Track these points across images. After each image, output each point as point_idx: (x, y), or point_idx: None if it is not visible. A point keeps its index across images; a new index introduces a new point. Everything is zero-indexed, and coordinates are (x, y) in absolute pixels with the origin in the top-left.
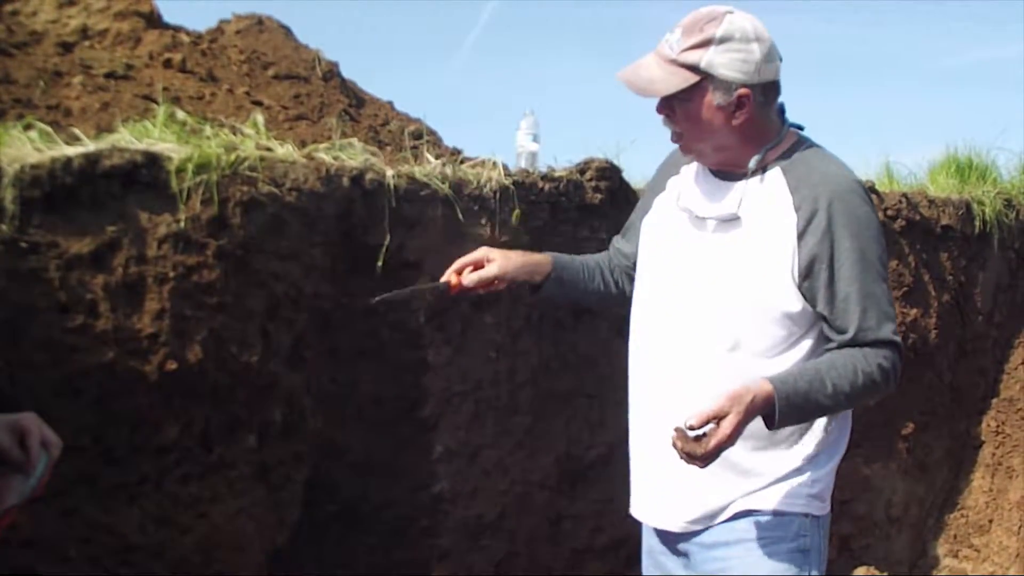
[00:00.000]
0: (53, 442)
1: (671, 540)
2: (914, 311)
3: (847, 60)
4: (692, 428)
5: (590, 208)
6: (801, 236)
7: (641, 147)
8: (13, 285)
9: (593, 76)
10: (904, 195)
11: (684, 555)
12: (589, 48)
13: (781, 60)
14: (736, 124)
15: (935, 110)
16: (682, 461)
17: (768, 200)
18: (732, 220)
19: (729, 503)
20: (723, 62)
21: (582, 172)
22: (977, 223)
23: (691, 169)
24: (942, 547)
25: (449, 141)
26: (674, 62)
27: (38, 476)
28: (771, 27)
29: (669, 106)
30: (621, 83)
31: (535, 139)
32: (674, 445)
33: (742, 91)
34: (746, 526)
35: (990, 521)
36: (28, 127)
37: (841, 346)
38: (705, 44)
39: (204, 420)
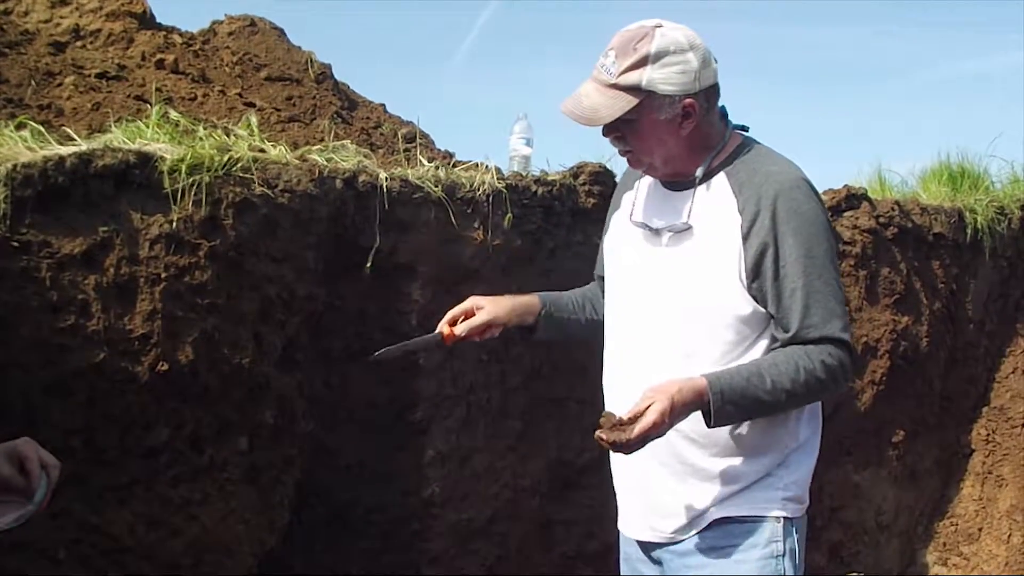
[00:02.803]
0: (51, 464)
1: (647, 548)
2: (905, 319)
3: (840, 68)
4: (622, 422)
5: (583, 212)
6: (746, 238)
7: None
8: (4, 285)
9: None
10: (896, 203)
11: (658, 563)
12: (582, 53)
13: (717, 62)
14: (684, 135)
15: (927, 119)
16: (623, 455)
17: (715, 206)
18: (684, 230)
19: (703, 511)
20: (662, 78)
21: (575, 176)
22: (969, 231)
23: (644, 183)
24: (931, 555)
25: (441, 144)
26: (614, 86)
27: (38, 501)
28: (764, 36)
29: (616, 129)
30: (566, 115)
31: (528, 143)
32: (597, 434)
33: (687, 102)
34: (718, 534)
35: (979, 529)
36: (20, 126)
37: (785, 344)
38: (641, 64)
39: (195, 422)
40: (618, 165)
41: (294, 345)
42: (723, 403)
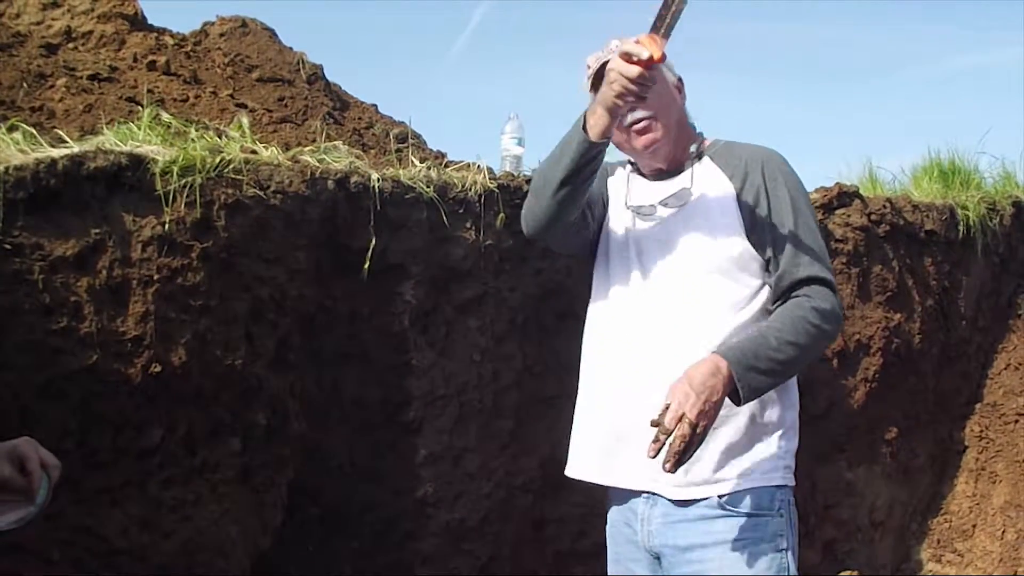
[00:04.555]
0: (52, 464)
1: (646, 536)
2: (898, 316)
3: (831, 65)
4: (656, 423)
5: None
6: (739, 194)
7: None
8: None
9: (577, 80)
10: (888, 200)
11: (656, 558)
12: (574, 53)
13: None
14: (680, 105)
15: (918, 115)
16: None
17: (706, 180)
18: (682, 204)
19: (714, 465)
20: None
21: None
22: (961, 228)
23: (632, 177)
24: (925, 552)
25: (433, 144)
26: None
27: (40, 503)
28: (756, 33)
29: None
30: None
31: (520, 143)
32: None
33: (677, 78)
34: (723, 527)
35: (973, 526)
36: (12, 129)
37: (775, 287)
38: None
39: (188, 423)
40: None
41: (286, 346)
42: (743, 369)
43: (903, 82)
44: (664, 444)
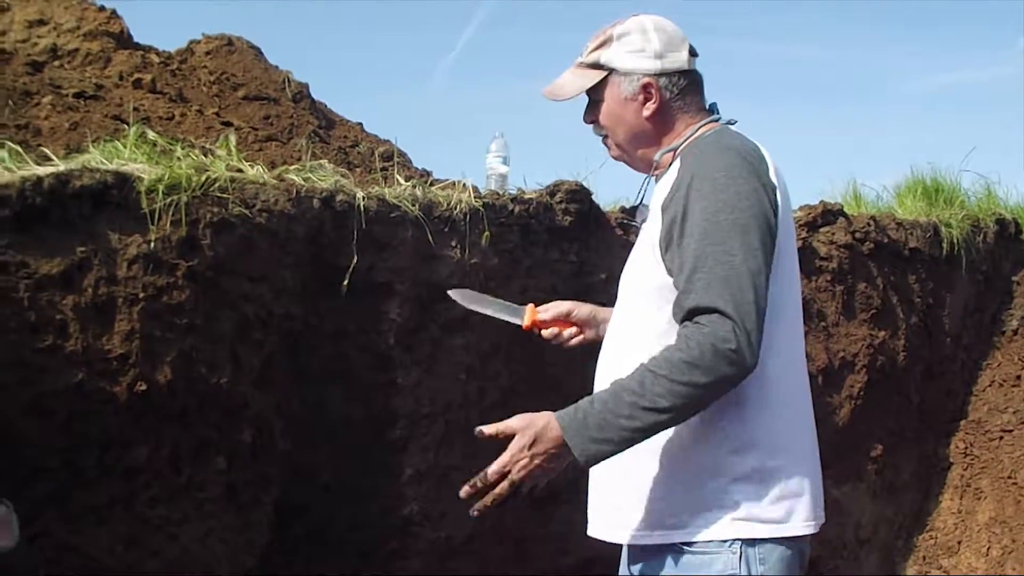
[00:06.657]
0: None
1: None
2: (882, 333)
3: (814, 84)
4: (482, 433)
5: (560, 230)
6: (664, 208)
7: (610, 170)
8: None
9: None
10: (872, 218)
11: None
12: (558, 72)
13: (696, 55)
14: (648, 115)
15: (902, 134)
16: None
17: (658, 194)
18: (644, 220)
19: (665, 510)
20: (621, 55)
21: (552, 194)
22: (945, 246)
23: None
24: (911, 568)
25: (419, 163)
26: (581, 65)
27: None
28: (736, 53)
29: (592, 111)
30: (543, 96)
31: (505, 161)
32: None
33: (645, 80)
34: (670, 562)
35: (959, 543)
36: None
37: (676, 316)
38: (606, 43)
39: (173, 442)
40: (595, 183)
41: (272, 364)
42: (577, 429)
43: (886, 101)
44: (477, 489)
